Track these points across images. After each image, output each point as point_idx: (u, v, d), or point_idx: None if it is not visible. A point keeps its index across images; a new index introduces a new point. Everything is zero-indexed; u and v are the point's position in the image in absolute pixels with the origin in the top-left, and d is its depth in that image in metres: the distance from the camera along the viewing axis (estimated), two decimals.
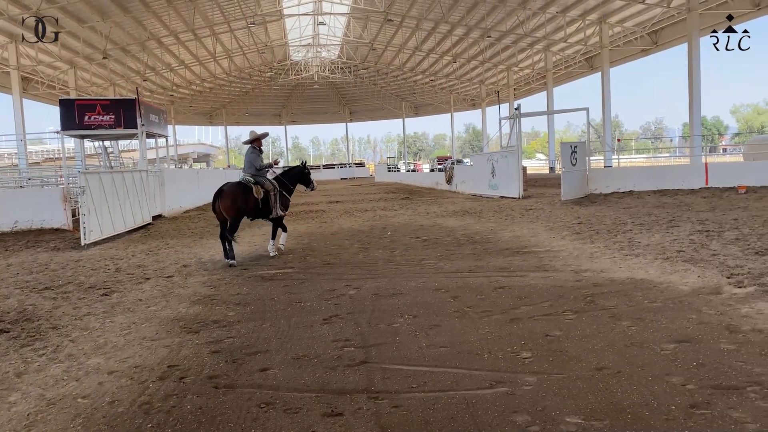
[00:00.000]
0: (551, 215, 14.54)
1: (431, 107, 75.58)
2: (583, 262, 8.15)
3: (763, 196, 16.39)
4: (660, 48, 40.45)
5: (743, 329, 4.80)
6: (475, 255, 9.26)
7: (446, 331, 5.20)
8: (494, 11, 38.98)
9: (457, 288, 6.90)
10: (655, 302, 5.79)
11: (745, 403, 3.44)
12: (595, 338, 4.77)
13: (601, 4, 35.09)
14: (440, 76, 61.19)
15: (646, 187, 19.97)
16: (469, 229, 12.68)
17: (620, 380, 3.88)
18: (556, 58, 47.96)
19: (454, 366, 4.35)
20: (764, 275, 6.59)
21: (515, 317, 5.52)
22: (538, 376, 4.04)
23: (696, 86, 30.93)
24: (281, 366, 4.54)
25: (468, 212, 16.60)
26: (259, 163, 10.25)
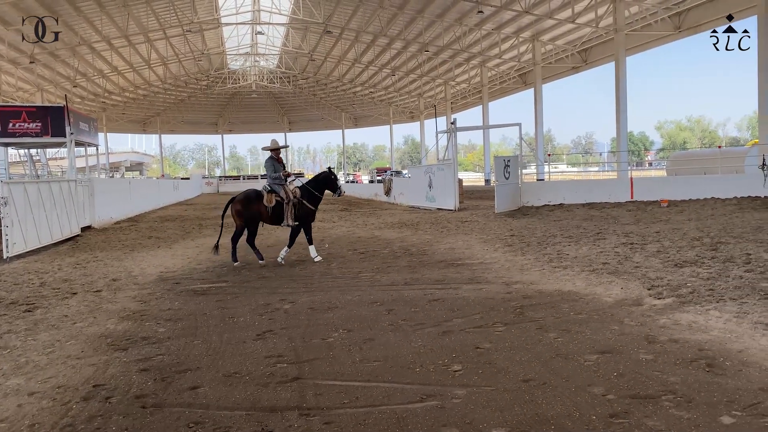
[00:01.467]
0: (485, 227, 14.87)
1: (371, 119, 76.10)
2: (514, 275, 8.37)
3: (683, 209, 17.26)
4: (589, 66, 42.15)
5: (661, 339, 5.04)
6: (411, 267, 9.37)
7: (380, 345, 5.25)
8: (432, 26, 39.70)
9: (393, 301, 6.97)
10: (581, 314, 6.01)
11: (660, 412, 3.62)
12: (522, 350, 4.92)
13: (534, 22, 36.28)
14: (379, 88, 61.75)
15: (575, 200, 20.70)
16: (406, 242, 12.82)
17: (545, 392, 4.01)
18: (491, 73, 49.21)
19: (387, 380, 4.39)
20: (681, 287, 6.96)
21: (448, 330, 5.62)
22: (467, 388, 4.14)
23: (623, 103, 32.35)
24: (212, 384, 4.47)
25: (406, 224, 16.77)
26: (271, 172, 10.51)
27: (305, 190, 10.60)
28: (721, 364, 4.39)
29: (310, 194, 10.58)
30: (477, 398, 3.96)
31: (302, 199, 10.50)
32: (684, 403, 3.71)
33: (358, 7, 38.42)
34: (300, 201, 10.47)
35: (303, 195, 10.56)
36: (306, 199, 10.52)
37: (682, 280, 7.35)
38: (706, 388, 3.94)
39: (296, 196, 10.48)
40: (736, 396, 3.79)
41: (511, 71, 47.55)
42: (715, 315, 5.72)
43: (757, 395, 3.79)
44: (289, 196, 10.39)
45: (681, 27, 32.57)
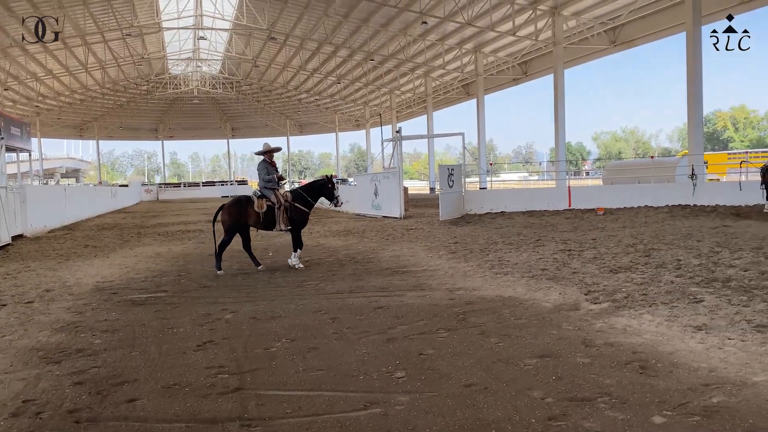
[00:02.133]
0: (430, 235, 15.02)
1: (316, 126, 75.84)
2: (458, 281, 8.49)
3: (618, 217, 17.88)
4: (530, 78, 43.26)
5: (597, 343, 5.20)
6: (356, 275, 9.37)
7: (324, 354, 5.22)
8: (377, 35, 39.96)
9: (337, 309, 6.95)
10: (521, 319, 6.14)
11: (596, 414, 3.73)
12: (465, 355, 4.99)
13: (476, 34, 37.00)
14: (325, 95, 61.67)
15: (516, 208, 21.16)
16: (351, 249, 12.82)
17: (487, 396, 4.08)
18: (435, 83, 49.86)
19: (330, 389, 4.37)
20: (617, 292, 7.20)
21: (392, 337, 5.65)
22: (410, 395, 4.16)
23: (561, 114, 33.31)
24: (150, 396, 4.35)
25: (351, 232, 16.77)
26: (263, 176, 10.28)
27: (297, 194, 10.45)
28: (654, 366, 4.56)
29: (302, 199, 10.40)
30: (420, 404, 3.99)
31: (294, 202, 10.32)
32: (619, 405, 3.84)
33: (303, 14, 38.31)
34: (292, 205, 10.28)
35: (295, 199, 10.38)
36: (298, 203, 10.35)
37: (617, 285, 7.61)
38: (639, 389, 4.09)
39: (287, 200, 10.30)
40: (667, 396, 3.94)
41: (454, 82, 48.30)
42: (648, 319, 5.94)
43: (686, 395, 3.95)
44: (280, 200, 10.22)
45: (616, 41, 33.85)
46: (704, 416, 3.61)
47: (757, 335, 5.18)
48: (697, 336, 5.28)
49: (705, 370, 4.42)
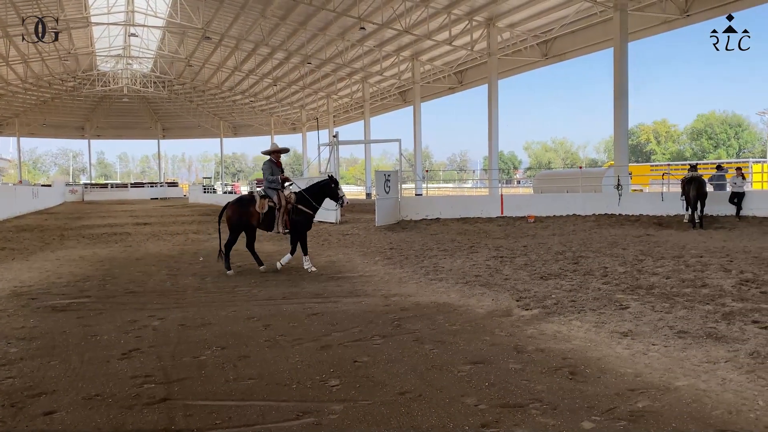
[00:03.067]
0: (366, 241, 15.00)
1: (251, 128, 74.69)
2: (393, 287, 8.48)
3: (548, 225, 18.39)
4: (465, 87, 44.06)
5: (528, 349, 5.29)
6: (290, 281, 9.23)
7: (256, 362, 5.09)
8: (314, 39, 39.77)
9: (270, 316, 6.80)
10: (455, 325, 6.18)
11: (528, 420, 3.77)
12: (399, 362, 4.96)
13: (414, 42, 37.38)
14: (260, 97, 60.84)
15: (451, 215, 21.44)
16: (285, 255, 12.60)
17: (421, 404, 4.06)
18: (373, 89, 50.05)
19: (262, 398, 4.26)
20: (547, 298, 7.36)
21: (326, 344, 5.56)
22: (344, 403, 4.10)
23: (495, 123, 34.04)
24: (70, 408, 4.12)
25: (286, 237, 16.50)
26: (267, 176, 10.08)
27: (301, 196, 10.16)
28: (583, 371, 4.66)
29: (306, 201, 10.13)
30: (354, 413, 3.93)
31: (297, 204, 10.05)
32: (549, 411, 3.90)
33: (239, 14, 37.70)
34: (295, 207, 10.02)
35: (299, 201, 10.10)
36: (302, 205, 10.08)
37: (548, 291, 7.79)
38: (569, 395, 4.17)
39: (290, 201, 10.02)
40: (596, 402, 4.03)
41: (391, 88, 48.63)
42: (577, 325, 6.09)
43: (614, 400, 4.05)
44: (281, 202, 9.95)
45: (548, 54, 34.92)
46: (630, 421, 3.71)
47: (679, 341, 5.39)
48: (624, 342, 5.44)
49: (631, 375, 4.56)
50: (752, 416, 3.75)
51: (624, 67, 25.16)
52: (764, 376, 4.44)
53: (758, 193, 21.38)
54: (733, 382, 4.35)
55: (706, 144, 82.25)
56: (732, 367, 4.67)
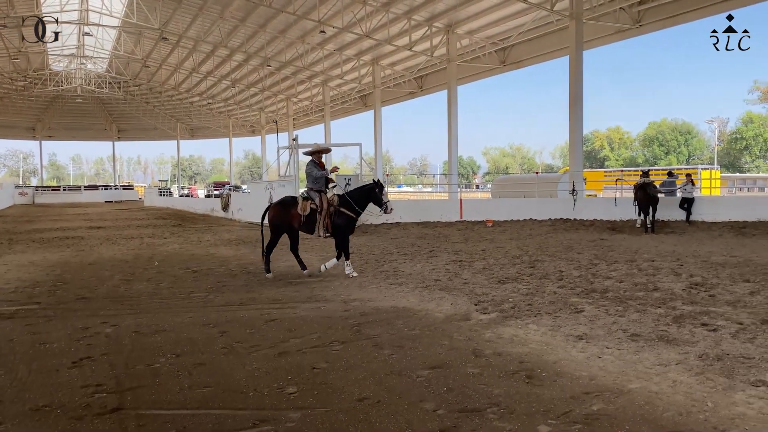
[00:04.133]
0: (325, 245, 14.91)
1: (209, 131, 73.59)
2: (352, 292, 8.45)
3: (506, 229, 18.62)
4: (425, 92, 44.33)
5: (486, 353, 5.33)
6: (248, 287, 9.11)
7: (211, 370, 5.00)
8: (274, 41, 39.45)
9: (227, 322, 6.70)
10: (414, 330, 6.19)
11: (486, 424, 3.80)
12: (358, 368, 4.94)
13: (374, 47, 37.44)
14: (219, 99, 60.02)
15: (411, 219, 21.52)
16: (243, 260, 12.48)
17: (379, 410, 4.05)
18: (333, 93, 49.90)
19: (218, 407, 4.18)
20: (504, 302, 7.44)
21: (284, 351, 5.50)
22: (302, 411, 4.06)
23: (454, 128, 34.33)
24: (16, 419, 3.98)
25: (244, 241, 16.34)
26: (315, 173, 9.87)
27: (344, 200, 9.93)
28: (539, 375, 4.72)
29: (349, 205, 9.87)
30: (311, 420, 3.90)
31: (340, 207, 9.83)
32: (507, 415, 3.93)
33: (198, 15, 37.10)
34: (337, 210, 9.80)
35: (341, 204, 9.88)
36: (344, 208, 9.85)
37: (505, 295, 7.88)
38: (526, 398, 4.21)
39: (333, 204, 9.82)
40: (552, 405, 4.08)
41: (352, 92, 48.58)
42: (534, 328, 6.17)
43: (569, 404, 4.11)
44: (323, 204, 9.74)
45: (506, 61, 35.41)
46: (585, 424, 3.77)
47: (632, 344, 5.51)
48: (579, 345, 5.54)
49: (586, 378, 4.64)
50: (701, 417, 3.86)
51: (579, 74, 25.67)
52: (713, 377, 4.57)
53: (707, 199, 22.10)
54: (684, 384, 4.47)
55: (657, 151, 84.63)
56: (682, 369, 4.79)
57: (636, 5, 26.93)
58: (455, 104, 34.20)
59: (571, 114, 25.99)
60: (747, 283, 8.44)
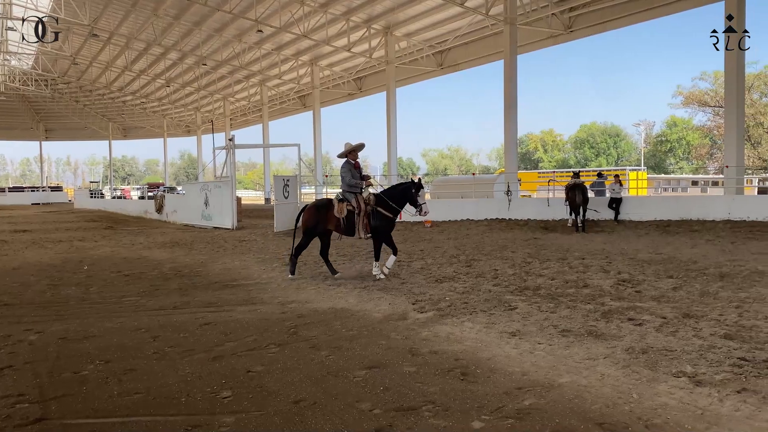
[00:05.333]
0: (263, 247, 14.74)
1: (142, 131, 71.46)
2: (290, 294, 8.38)
3: (444, 229, 18.87)
4: (364, 93, 44.42)
5: (423, 352, 5.38)
6: (182, 290, 8.90)
7: (142, 376, 4.85)
8: (210, 40, 38.69)
9: (159, 327, 6.52)
10: (352, 330, 6.19)
11: (421, 422, 3.84)
12: (295, 371, 4.90)
13: (313, 47, 37.26)
14: (153, 99, 58.39)
15: None
16: (177, 262, 12.17)
17: (315, 411, 4.03)
18: (271, 93, 49.36)
19: (149, 413, 4.07)
20: (441, 301, 7.54)
21: (219, 355, 5.40)
22: (236, 415, 3.99)
23: (393, 130, 34.54)
24: None
25: (178, 244, 15.95)
26: (348, 179, 9.46)
27: (381, 199, 9.50)
28: (474, 371, 4.80)
29: (386, 205, 9.45)
30: (246, 424, 3.84)
31: (377, 207, 9.43)
32: (441, 412, 3.98)
33: (130, 12, 35.98)
34: (375, 210, 9.42)
35: (378, 204, 9.47)
36: (382, 208, 9.44)
37: (442, 294, 7.98)
38: (460, 395, 4.28)
39: (369, 204, 9.43)
40: (485, 401, 4.16)
41: (291, 92, 48.16)
42: (469, 326, 6.28)
43: (502, 399, 4.21)
44: (360, 206, 9.38)
45: (443, 64, 35.92)
46: (517, 419, 3.86)
47: (563, 339, 5.68)
48: (512, 341, 5.67)
49: (518, 373, 4.75)
50: (627, 409, 4.01)
51: (513, 78, 26.29)
52: (638, 370, 4.76)
53: (634, 199, 23.02)
54: (611, 377, 4.64)
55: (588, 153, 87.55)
56: (610, 362, 4.98)
57: (567, 11, 27.81)
58: (394, 106, 34.43)
59: (506, 117, 26.58)
60: (671, 279, 8.84)
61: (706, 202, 20.93)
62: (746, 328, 5.86)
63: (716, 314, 6.49)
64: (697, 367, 4.77)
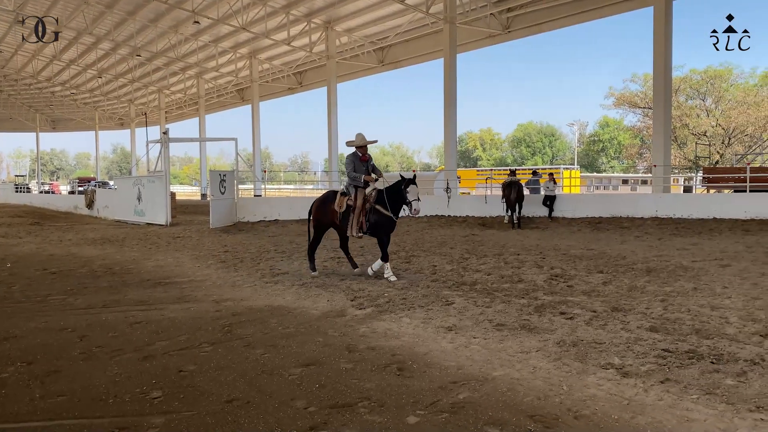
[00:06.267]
0: (198, 243, 14.41)
1: (73, 123, 68.67)
2: (225, 291, 8.22)
3: None
4: (305, 88, 44.08)
5: (360, 348, 5.37)
6: (112, 288, 8.58)
7: (67, 377, 4.65)
8: (145, 30, 37.50)
9: (87, 326, 6.26)
10: (288, 328, 6.12)
11: (356, 419, 3.82)
12: (228, 369, 4.80)
13: (251, 40, 36.65)
14: (83, 90, 56.16)
15: (290, 216, 21.29)
16: (108, 259, 11.74)
17: (249, 411, 3.95)
18: (208, 86, 48.33)
19: (73, 416, 3.90)
20: (380, 297, 7.55)
21: (149, 354, 5.24)
22: (166, 416, 3.88)
23: (334, 125, 34.41)
24: None
25: (109, 240, 15.41)
26: (348, 171, 8.94)
27: (382, 196, 8.88)
28: (410, 367, 4.83)
29: (383, 203, 8.82)
30: (176, 425, 3.73)
31: (376, 205, 8.82)
32: (377, 408, 3.98)
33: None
34: (373, 207, 8.81)
35: (378, 201, 8.84)
36: (381, 205, 8.82)
37: (381, 290, 7.99)
38: (396, 391, 4.29)
39: (369, 201, 8.84)
40: (420, 396, 4.19)
41: (228, 86, 47.28)
42: (407, 322, 6.31)
43: (437, 393, 4.24)
44: (356, 202, 8.84)
45: (384, 61, 36.03)
46: (452, 413, 3.90)
47: (497, 333, 5.79)
48: (448, 336, 5.73)
49: (454, 368, 4.80)
50: (557, 401, 4.11)
51: (453, 77, 26.62)
52: (569, 363, 4.89)
53: (567, 197, 23.72)
54: (543, 369, 4.75)
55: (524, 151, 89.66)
56: (542, 355, 5.10)
57: (505, 12, 28.36)
58: (335, 101, 34.31)
59: (445, 115, 26.89)
60: (600, 273, 9.15)
61: (635, 200, 21.78)
62: (670, 321, 6.12)
63: (643, 308, 6.75)
64: (624, 359, 4.95)
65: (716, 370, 4.63)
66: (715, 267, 9.63)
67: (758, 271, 9.16)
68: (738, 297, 7.24)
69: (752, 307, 6.70)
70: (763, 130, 43.98)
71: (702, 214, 18.95)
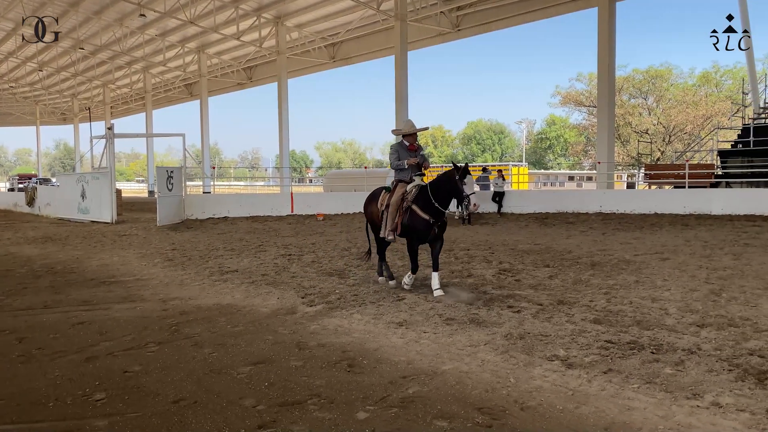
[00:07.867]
0: (145, 241, 14.09)
1: (12, 117, 66.09)
2: (173, 290, 8.06)
3: (336, 222, 18.90)
4: (255, 84, 43.56)
5: (310, 345, 5.35)
6: (53, 288, 8.31)
7: (5, 381, 4.48)
8: (88, 23, 36.36)
9: (27, 328, 6.05)
10: (237, 326, 6.04)
11: (306, 416, 3.81)
12: (175, 369, 4.71)
13: (200, 34, 35.98)
14: (23, 83, 54.06)
15: (240, 214, 21.04)
16: (50, 259, 11.36)
17: (196, 411, 3.89)
18: (156, 80, 47.23)
19: (10, 421, 3.76)
20: (331, 294, 7.54)
21: (93, 355, 5.09)
22: (110, 418, 3.78)
23: (285, 121, 34.12)
24: None
25: (51, 239, 14.90)
26: (392, 161, 7.83)
27: (422, 194, 7.42)
28: (360, 363, 4.84)
29: (424, 201, 7.36)
30: (120, 427, 3.65)
31: (413, 205, 7.40)
32: (327, 405, 3.97)
33: None
34: (409, 208, 7.44)
35: (417, 200, 7.42)
36: (420, 206, 7.37)
37: (332, 287, 7.98)
38: (346, 387, 4.29)
39: (407, 199, 7.50)
40: (370, 392, 4.20)
41: (176, 80, 46.32)
42: (358, 318, 6.32)
43: (387, 388, 4.26)
44: (392, 197, 7.64)
45: (335, 57, 35.93)
46: (401, 407, 3.92)
47: (447, 327, 5.85)
48: (399, 331, 5.76)
49: (404, 363, 4.83)
50: (504, 393, 4.19)
51: (404, 74, 26.74)
52: (516, 355, 4.99)
53: (516, 193, 24.16)
54: (491, 362, 4.83)
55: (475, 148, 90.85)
56: (490, 349, 5.18)
57: (455, 11, 28.63)
58: (286, 97, 34.03)
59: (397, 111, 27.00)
60: (547, 268, 9.35)
61: (580, 196, 22.34)
62: (613, 313, 6.31)
63: (587, 300, 6.93)
64: (569, 350, 5.07)
65: (656, 359, 4.79)
66: (656, 260, 9.97)
67: (696, 264, 9.52)
68: (677, 289, 7.51)
69: (690, 298, 6.97)
70: (701, 128, 45.70)
71: (644, 209, 19.59)
